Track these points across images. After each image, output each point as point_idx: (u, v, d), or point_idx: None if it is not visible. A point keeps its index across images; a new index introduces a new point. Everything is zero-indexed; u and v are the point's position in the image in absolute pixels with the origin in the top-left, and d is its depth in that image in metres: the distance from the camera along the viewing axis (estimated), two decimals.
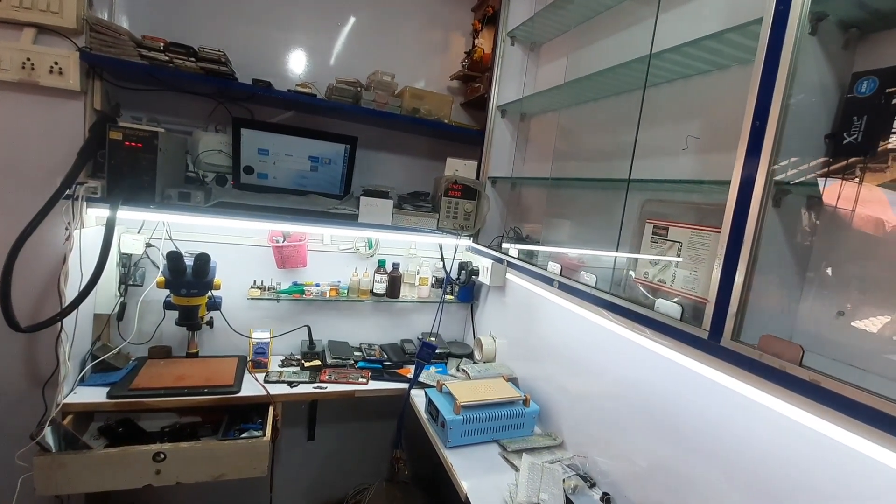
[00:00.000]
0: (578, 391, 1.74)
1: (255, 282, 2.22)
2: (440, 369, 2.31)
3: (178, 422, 1.97)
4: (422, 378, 2.09)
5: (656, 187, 1.27)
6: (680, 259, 1.08)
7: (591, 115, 1.68)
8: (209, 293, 1.97)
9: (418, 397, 2.04)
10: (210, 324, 2.12)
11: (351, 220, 2.03)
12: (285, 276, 2.29)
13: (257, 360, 2.10)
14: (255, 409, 1.96)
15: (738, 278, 0.92)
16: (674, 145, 1.31)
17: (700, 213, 1.11)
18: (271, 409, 1.92)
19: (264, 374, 2.06)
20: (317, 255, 2.33)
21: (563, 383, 1.83)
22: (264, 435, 1.77)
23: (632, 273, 1.23)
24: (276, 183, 2.09)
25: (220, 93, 2.04)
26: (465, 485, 1.50)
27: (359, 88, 2.04)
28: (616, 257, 1.39)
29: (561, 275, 1.48)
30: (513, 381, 2.04)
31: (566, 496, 1.41)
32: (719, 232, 1.00)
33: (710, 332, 0.97)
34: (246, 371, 2.08)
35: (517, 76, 2.07)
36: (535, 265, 1.61)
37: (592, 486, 1.56)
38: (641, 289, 1.20)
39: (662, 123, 1.34)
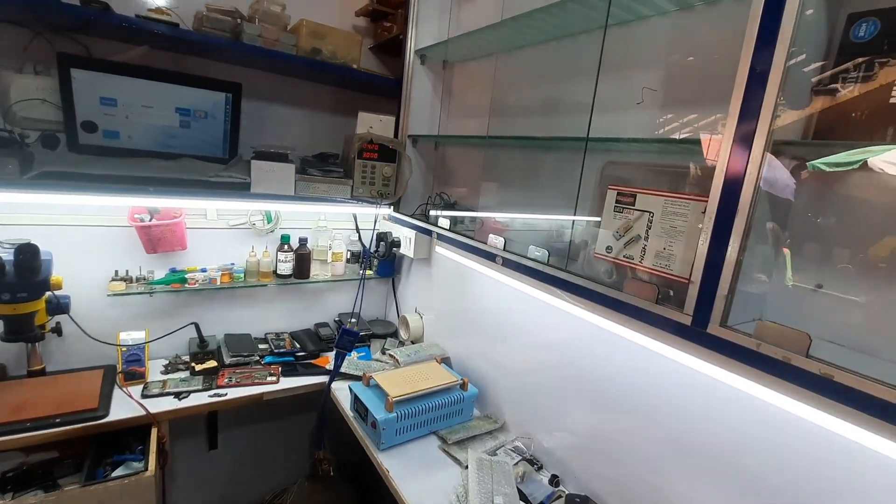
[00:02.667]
0: (517, 367, 1.62)
1: (116, 273, 1.74)
2: (363, 354, 2.07)
3: (26, 462, 1.51)
4: (343, 368, 1.83)
5: (624, 147, 1.11)
6: (649, 232, 0.94)
7: (533, 61, 1.46)
8: (47, 294, 1.48)
9: (341, 390, 1.79)
10: (58, 331, 1.63)
11: (241, 189, 1.63)
12: (159, 263, 1.83)
13: (130, 369, 1.67)
14: (132, 434, 1.56)
15: (731, 255, 0.79)
16: (626, 99, 1.15)
17: (672, 178, 0.97)
18: (154, 431, 1.53)
19: (142, 388, 1.65)
20: (199, 233, 1.89)
21: (500, 359, 1.70)
22: (146, 468, 1.40)
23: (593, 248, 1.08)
24: (133, 144, 1.60)
25: (36, 18, 1.46)
26: (406, 492, 1.32)
27: (238, 20, 1.59)
28: (573, 230, 1.23)
29: (505, 249, 1.29)
30: (445, 361, 1.87)
31: (518, 490, 1.29)
32: (702, 201, 0.86)
33: (695, 317, 0.85)
34: (116, 386, 1.64)
35: (438, 14, 1.77)
36: (471, 238, 1.40)
37: (540, 468, 1.48)
38: (604, 266, 1.06)
39: (614, 73, 1.16)
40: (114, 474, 1.39)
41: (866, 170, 0.73)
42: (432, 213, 1.73)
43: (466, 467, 1.39)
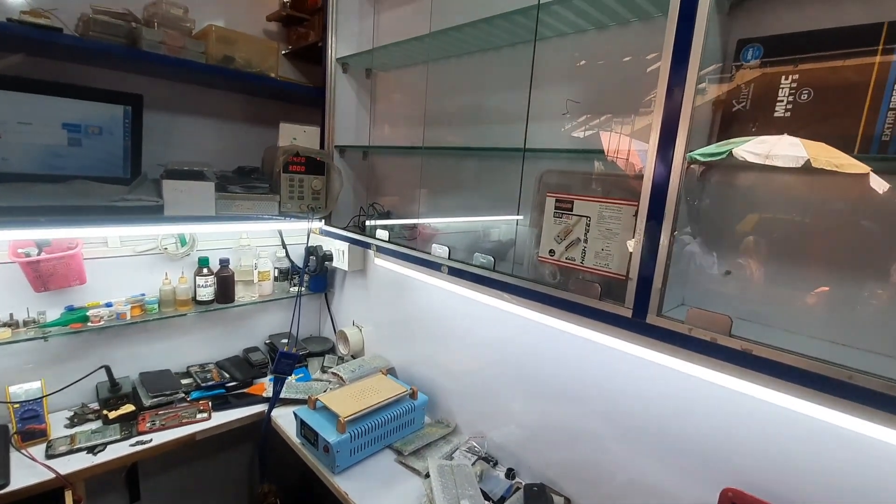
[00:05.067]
0: (463, 369, 1.66)
1: None
2: (300, 375, 1.98)
3: None
4: (283, 393, 1.73)
5: (554, 156, 1.18)
6: (588, 235, 1.02)
7: (464, 71, 1.49)
8: None
9: (282, 416, 1.70)
10: None
11: (152, 213, 1.47)
12: (52, 301, 1.59)
13: (27, 428, 1.44)
14: (40, 502, 1.34)
15: (661, 253, 0.89)
16: (554, 109, 1.24)
17: (605, 184, 1.06)
18: (68, 494, 1.34)
19: (45, 447, 1.43)
20: (100, 263, 1.67)
21: (446, 364, 1.73)
22: None
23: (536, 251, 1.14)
24: (10, 167, 1.37)
25: None
26: None
27: (133, 24, 1.43)
28: (516, 236, 1.29)
29: (450, 258, 1.31)
30: (391, 372, 1.85)
31: (481, 490, 1.33)
32: (633, 205, 0.96)
33: (634, 309, 0.94)
34: (11, 449, 1.40)
35: (358, 20, 1.73)
36: (413, 248, 1.41)
37: (495, 464, 1.53)
38: (549, 268, 1.12)
39: (541, 85, 1.24)
40: None
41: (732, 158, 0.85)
42: (369, 223, 1.70)
43: (427, 476, 1.40)
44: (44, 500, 1.34)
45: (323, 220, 1.80)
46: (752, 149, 0.81)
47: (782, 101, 0.89)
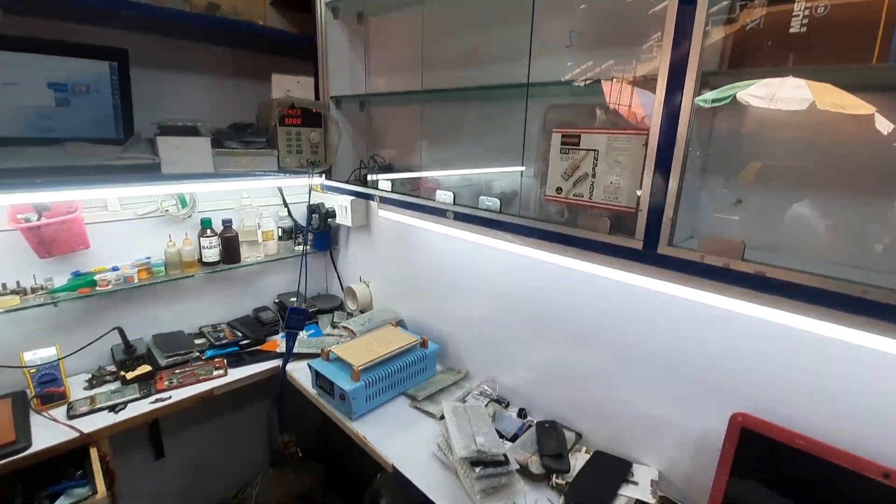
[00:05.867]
0: (472, 317, 1.68)
1: (4, 286, 1.48)
2: (312, 332, 2.01)
3: None
4: (295, 348, 1.76)
5: (559, 90, 1.14)
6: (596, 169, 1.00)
7: (459, 10, 1.42)
8: None
9: (296, 371, 1.74)
10: None
11: (149, 172, 1.44)
12: (58, 268, 1.59)
13: (46, 392, 1.47)
14: (63, 461, 1.38)
15: (673, 182, 0.87)
16: (557, 43, 1.18)
17: (613, 115, 1.03)
18: (93, 451, 1.38)
19: (66, 408, 1.46)
20: (102, 228, 1.66)
21: (454, 313, 1.75)
22: (94, 491, 1.27)
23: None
24: (0, 131, 1.33)
25: None
26: (389, 451, 1.34)
27: None
28: (521, 186, 1.26)
29: (455, 203, 1.30)
30: (400, 324, 1.87)
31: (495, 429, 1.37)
32: (642, 135, 0.93)
33: (645, 241, 0.93)
34: (32, 412, 1.44)
35: None
36: (419, 196, 1.39)
37: (507, 406, 1.57)
38: (556, 207, 1.11)
39: (542, 18, 1.18)
40: None
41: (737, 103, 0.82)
42: (371, 177, 1.67)
43: (442, 418, 1.44)
44: (69, 459, 1.39)
45: (323, 175, 1.77)
46: (756, 92, 0.79)
47: (798, 15, 0.85)
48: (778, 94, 0.77)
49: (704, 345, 1.11)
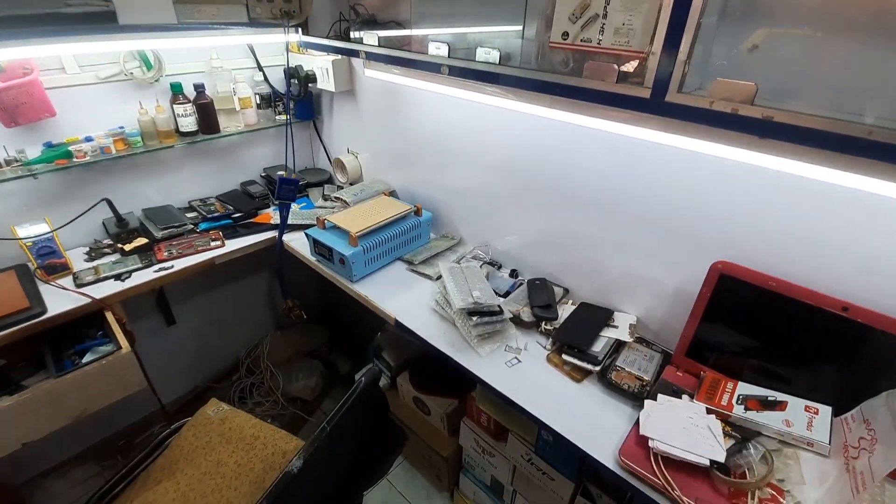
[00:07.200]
0: (465, 185, 1.67)
1: None
2: (304, 204, 2.00)
3: None
4: (290, 220, 1.77)
5: None
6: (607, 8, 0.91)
7: None
8: None
9: (293, 240, 1.77)
10: None
11: (103, 23, 1.27)
12: (27, 139, 1.49)
13: (48, 263, 1.48)
14: (81, 325, 1.46)
15: (692, 19, 0.81)
16: None
17: None
18: (109, 314, 1.45)
19: (72, 278, 1.50)
20: (65, 94, 1.52)
21: (446, 182, 1.74)
22: (119, 346, 1.36)
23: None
24: None
25: None
26: (390, 308, 1.44)
27: None
28: (524, 27, 1.15)
29: (450, 56, 1.20)
30: (392, 194, 1.87)
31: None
32: None
33: (654, 89, 0.89)
34: (38, 282, 1.47)
35: None
36: (411, 52, 1.28)
37: (499, 268, 1.66)
38: (560, 56, 1.03)
39: None
40: (84, 360, 1.34)
41: None
42: (355, 33, 1.51)
43: (438, 278, 1.52)
44: (85, 323, 1.46)
45: (300, 30, 1.59)
46: None
47: None
48: None
49: (696, 197, 1.11)
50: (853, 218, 0.93)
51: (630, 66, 0.93)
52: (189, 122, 1.74)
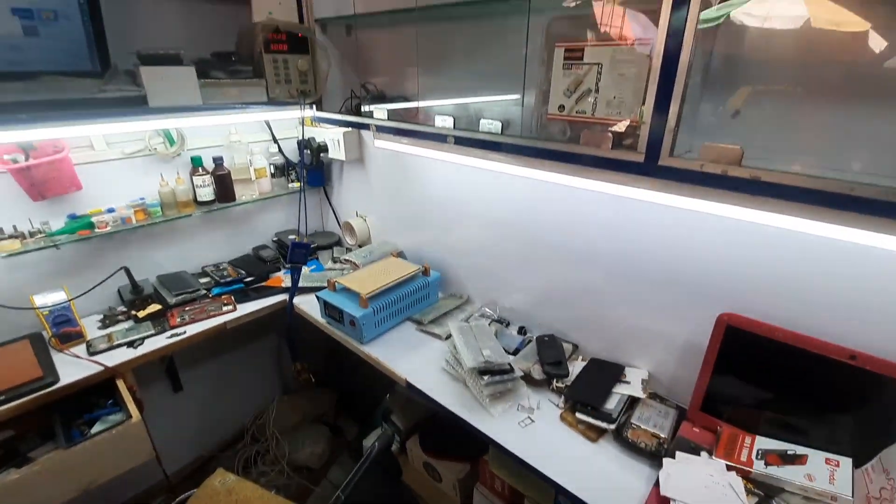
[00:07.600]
0: (472, 246, 1.72)
1: (2, 230, 1.47)
2: (314, 267, 2.05)
3: None
4: (301, 283, 1.81)
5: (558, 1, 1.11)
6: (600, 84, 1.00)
7: None
8: None
9: (304, 303, 1.79)
10: None
11: (133, 106, 1.39)
12: (52, 211, 1.57)
13: (63, 332, 1.50)
14: (93, 393, 1.45)
15: (677, 90, 0.89)
16: None
17: (617, 28, 1.01)
18: (120, 382, 1.45)
19: (85, 346, 1.51)
20: (91, 169, 1.62)
21: (452, 242, 1.79)
22: (129, 415, 1.35)
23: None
24: None
25: None
26: (400, 369, 1.44)
27: None
28: (523, 98, 1.26)
29: (455, 127, 1.29)
30: (400, 255, 1.92)
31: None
32: (647, 43, 0.93)
33: (647, 154, 0.96)
34: (52, 351, 1.49)
35: None
36: (418, 123, 1.38)
37: (507, 325, 1.67)
38: (558, 126, 1.12)
39: None
40: (94, 430, 1.32)
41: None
42: (366, 107, 1.63)
43: (448, 337, 1.53)
44: (97, 392, 1.45)
45: (314, 107, 1.72)
46: (751, 10, 0.79)
47: None
48: (772, 13, 0.79)
49: (696, 253, 1.16)
50: (851, 268, 0.96)
51: (623, 133, 1.01)
52: (207, 192, 1.83)
